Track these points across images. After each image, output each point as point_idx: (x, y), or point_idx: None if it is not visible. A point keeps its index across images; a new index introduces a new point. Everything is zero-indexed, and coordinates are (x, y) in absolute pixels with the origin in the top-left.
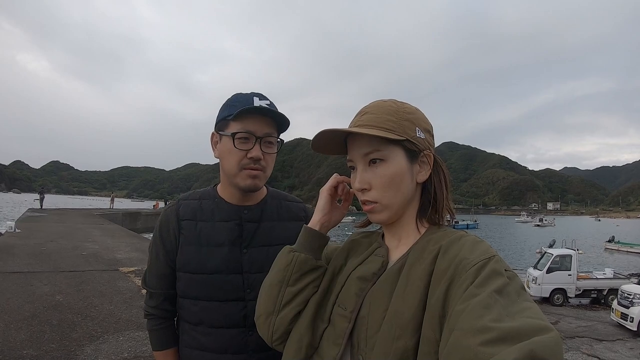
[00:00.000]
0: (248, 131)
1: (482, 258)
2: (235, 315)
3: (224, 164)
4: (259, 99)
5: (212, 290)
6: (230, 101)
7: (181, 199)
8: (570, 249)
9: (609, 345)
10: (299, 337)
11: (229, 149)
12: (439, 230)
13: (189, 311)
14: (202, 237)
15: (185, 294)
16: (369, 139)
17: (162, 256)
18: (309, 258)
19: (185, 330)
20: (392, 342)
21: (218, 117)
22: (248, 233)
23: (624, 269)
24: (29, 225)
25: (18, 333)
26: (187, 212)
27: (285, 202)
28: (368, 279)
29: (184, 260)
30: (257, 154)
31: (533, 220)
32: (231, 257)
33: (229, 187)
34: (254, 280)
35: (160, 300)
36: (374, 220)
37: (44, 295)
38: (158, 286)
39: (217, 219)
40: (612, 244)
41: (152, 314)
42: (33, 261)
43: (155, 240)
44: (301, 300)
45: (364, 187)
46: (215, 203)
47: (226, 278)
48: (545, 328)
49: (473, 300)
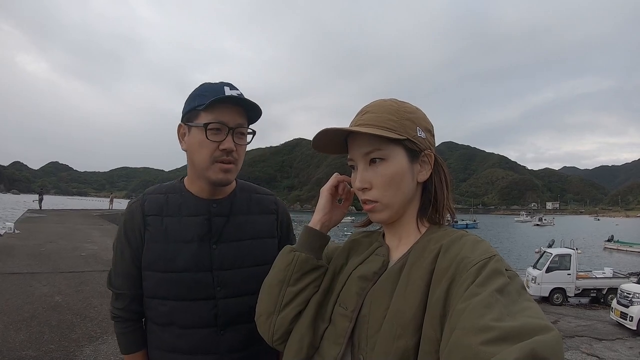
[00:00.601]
0: (220, 122)
1: (483, 257)
2: (206, 315)
3: (193, 156)
4: (230, 88)
5: (181, 290)
6: (199, 91)
7: (146, 194)
8: (569, 248)
9: (609, 344)
10: (300, 337)
11: (199, 141)
12: (439, 230)
13: (158, 312)
14: (169, 233)
15: (152, 294)
16: (369, 138)
17: (127, 255)
18: (309, 257)
19: (153, 332)
20: (393, 342)
21: (186, 107)
22: (217, 228)
23: (623, 268)
24: (28, 226)
25: (17, 334)
26: (153, 208)
27: (255, 194)
28: (369, 278)
29: (151, 258)
30: (230, 145)
31: (532, 219)
32: (200, 253)
33: (198, 180)
34: (224, 277)
35: (128, 301)
36: (375, 220)
37: (43, 296)
38: (124, 287)
39: (185, 213)
40: (611, 243)
41: (119, 316)
42: (32, 262)
43: (119, 238)
44: (302, 300)
45: (364, 187)
46: (182, 197)
47: (195, 276)
48: (546, 327)
49: (474, 300)
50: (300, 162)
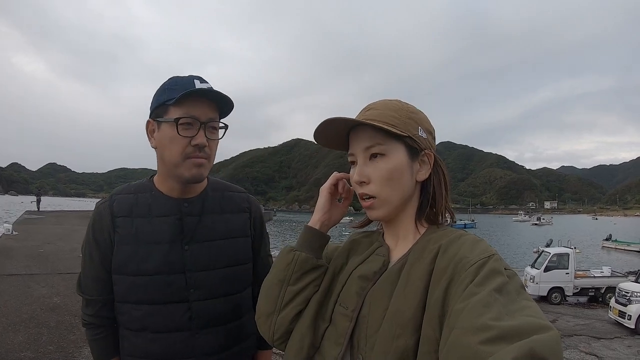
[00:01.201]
0: (192, 116)
1: (482, 257)
2: (180, 318)
3: (164, 153)
4: (200, 81)
5: (153, 293)
6: (168, 84)
7: (115, 194)
8: (567, 248)
9: (607, 343)
10: (300, 337)
11: (170, 137)
12: (438, 230)
13: (130, 317)
14: (139, 235)
15: (123, 298)
16: (371, 133)
17: (96, 258)
18: (309, 257)
19: (125, 338)
20: (392, 341)
21: (154, 102)
22: (189, 228)
23: (622, 267)
24: (26, 227)
25: (16, 335)
26: (122, 208)
27: (228, 192)
28: (369, 278)
29: (121, 261)
30: (202, 140)
31: (531, 219)
32: (172, 255)
33: (169, 178)
34: (197, 279)
35: (98, 307)
36: (373, 217)
37: (42, 298)
38: (95, 292)
39: (155, 214)
40: (610, 243)
41: (90, 322)
42: (30, 263)
43: (88, 241)
44: (302, 299)
45: (362, 180)
46: (152, 197)
47: (167, 278)
48: (545, 327)
49: (473, 299)
50: (299, 163)
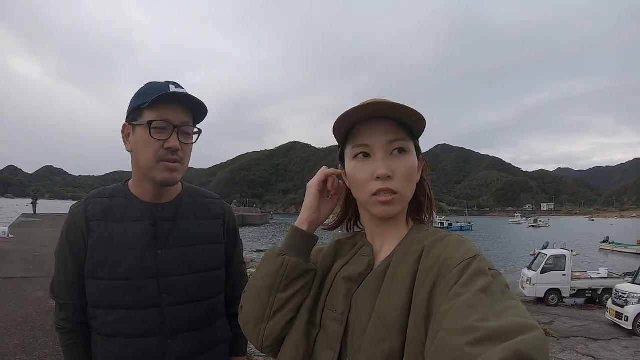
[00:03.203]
0: (165, 119)
1: (466, 257)
2: (152, 323)
3: (138, 157)
4: (175, 87)
5: (125, 298)
6: (143, 89)
7: (90, 197)
8: (564, 249)
9: (604, 344)
10: (295, 345)
11: (144, 140)
12: (422, 230)
13: (103, 322)
14: (113, 239)
15: (96, 303)
16: (394, 127)
17: (70, 262)
18: (299, 262)
19: (98, 343)
20: (378, 344)
21: (130, 107)
22: (163, 233)
23: (618, 269)
24: (22, 230)
25: (11, 338)
26: (97, 212)
27: (202, 199)
28: (354, 279)
29: (94, 265)
30: (175, 144)
31: (527, 221)
32: (145, 260)
33: (143, 182)
34: (170, 284)
35: (72, 312)
36: (388, 214)
37: (37, 301)
38: (68, 296)
39: (129, 218)
40: (607, 245)
41: (63, 327)
42: (26, 266)
43: (62, 244)
44: (293, 306)
45: (389, 174)
46: (127, 201)
47: (140, 283)
48: (531, 326)
49: (458, 300)
50: (295, 166)
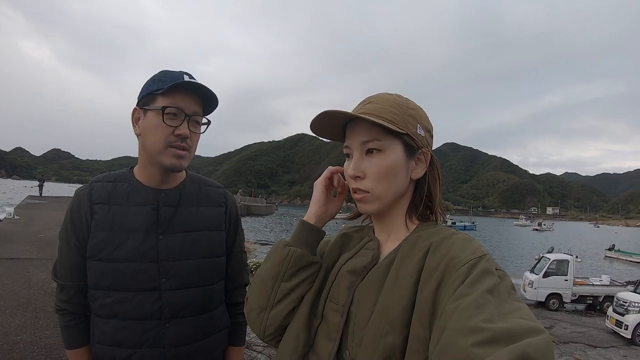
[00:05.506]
0: (178, 107)
1: (473, 257)
2: (150, 307)
3: (147, 140)
4: (189, 77)
5: (125, 280)
6: (158, 76)
7: (94, 181)
8: (568, 254)
9: (603, 352)
10: (295, 335)
11: (155, 125)
12: (429, 227)
13: (102, 303)
14: (115, 222)
15: (96, 284)
16: (369, 127)
17: (73, 244)
18: (305, 254)
19: (96, 325)
20: (380, 338)
21: (143, 91)
22: (165, 218)
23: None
24: (28, 212)
25: (13, 319)
26: (101, 195)
27: (205, 186)
28: (358, 272)
29: (95, 247)
30: (185, 131)
31: (532, 224)
32: (146, 243)
33: (149, 167)
34: (170, 268)
35: (73, 293)
36: (363, 211)
37: (40, 282)
38: (70, 278)
39: (132, 202)
40: (612, 252)
41: (63, 308)
42: (31, 248)
43: (66, 227)
44: (296, 296)
45: (357, 175)
46: (130, 185)
47: (140, 266)
48: (537, 330)
49: (464, 300)
50: (302, 158)
